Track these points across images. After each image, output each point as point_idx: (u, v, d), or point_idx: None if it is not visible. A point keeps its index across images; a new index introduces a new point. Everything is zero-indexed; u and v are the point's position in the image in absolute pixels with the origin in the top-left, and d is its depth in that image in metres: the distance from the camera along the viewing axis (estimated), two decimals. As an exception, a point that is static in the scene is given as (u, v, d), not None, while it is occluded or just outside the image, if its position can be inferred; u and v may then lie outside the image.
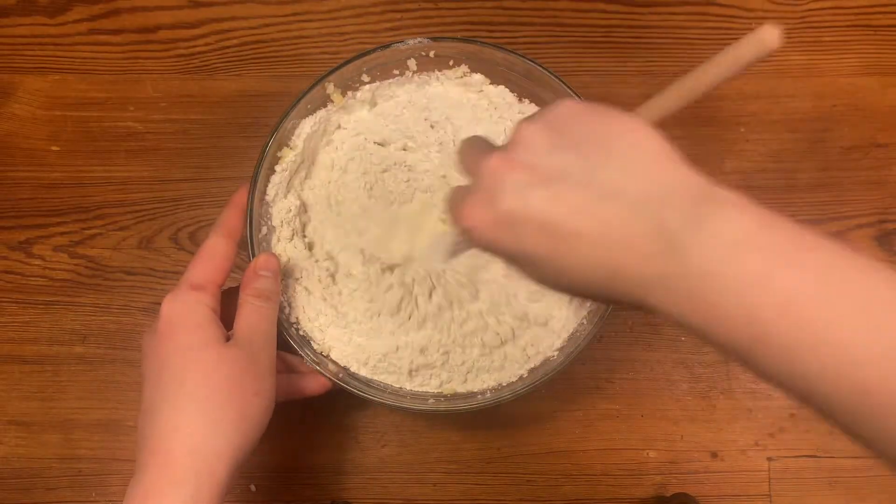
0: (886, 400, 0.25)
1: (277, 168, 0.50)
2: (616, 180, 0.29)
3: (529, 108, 0.53)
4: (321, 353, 0.49)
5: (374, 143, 0.52)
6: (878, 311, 0.26)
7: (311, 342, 0.49)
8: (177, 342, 0.40)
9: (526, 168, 0.31)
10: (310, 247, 0.51)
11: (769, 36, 0.29)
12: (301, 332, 0.49)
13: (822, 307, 0.26)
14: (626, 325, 0.57)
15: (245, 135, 0.60)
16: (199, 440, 0.38)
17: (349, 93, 0.52)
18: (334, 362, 0.49)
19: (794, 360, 0.27)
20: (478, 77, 0.53)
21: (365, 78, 0.52)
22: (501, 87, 0.53)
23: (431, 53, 0.51)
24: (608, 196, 0.29)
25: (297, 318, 0.49)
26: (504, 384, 0.49)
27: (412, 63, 0.52)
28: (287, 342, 0.47)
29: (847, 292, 0.26)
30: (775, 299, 0.26)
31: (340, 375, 0.48)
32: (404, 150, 0.52)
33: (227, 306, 0.43)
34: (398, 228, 0.51)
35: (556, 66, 0.50)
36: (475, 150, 0.35)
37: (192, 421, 0.38)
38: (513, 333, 0.50)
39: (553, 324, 0.50)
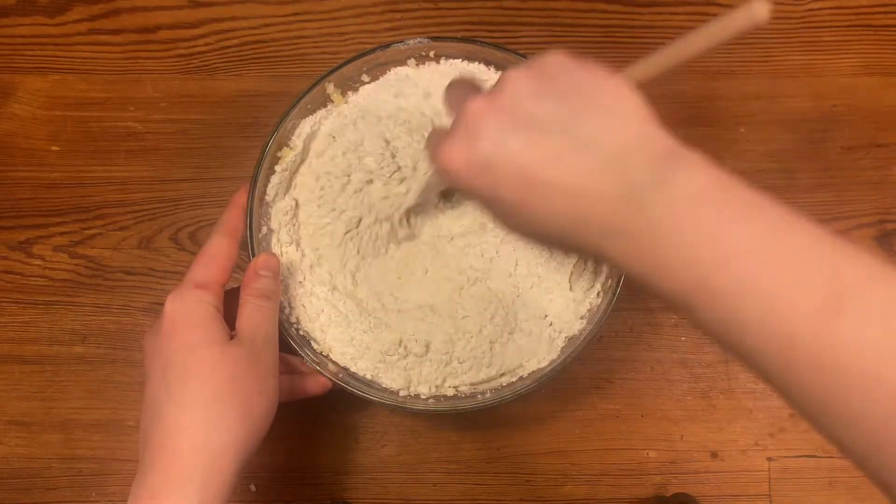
0: (807, 353, 0.27)
1: (277, 168, 0.50)
2: (592, 133, 0.30)
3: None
4: (321, 354, 0.49)
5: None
6: (811, 269, 0.27)
7: (312, 342, 0.49)
8: (181, 341, 0.40)
9: (507, 112, 0.32)
10: (303, 251, 0.51)
11: (759, 9, 0.30)
12: (301, 332, 0.49)
13: (759, 263, 0.28)
14: (626, 325, 0.57)
15: (245, 135, 0.60)
16: (204, 439, 0.38)
17: (349, 93, 0.52)
18: (334, 362, 0.49)
19: (729, 313, 0.28)
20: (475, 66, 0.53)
21: (365, 78, 0.52)
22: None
23: (431, 53, 0.51)
24: (583, 147, 0.30)
25: (297, 317, 0.49)
26: (504, 384, 0.49)
27: (412, 63, 0.52)
28: (287, 342, 0.47)
29: (784, 249, 0.28)
30: (718, 254, 0.28)
31: (340, 375, 0.48)
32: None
33: (228, 307, 0.43)
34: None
35: (556, 66, 0.50)
36: (460, 91, 0.36)
37: (198, 420, 0.38)
38: (512, 333, 0.50)
39: (553, 323, 0.50)
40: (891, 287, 0.27)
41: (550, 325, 0.50)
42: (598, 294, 0.50)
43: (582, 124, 0.31)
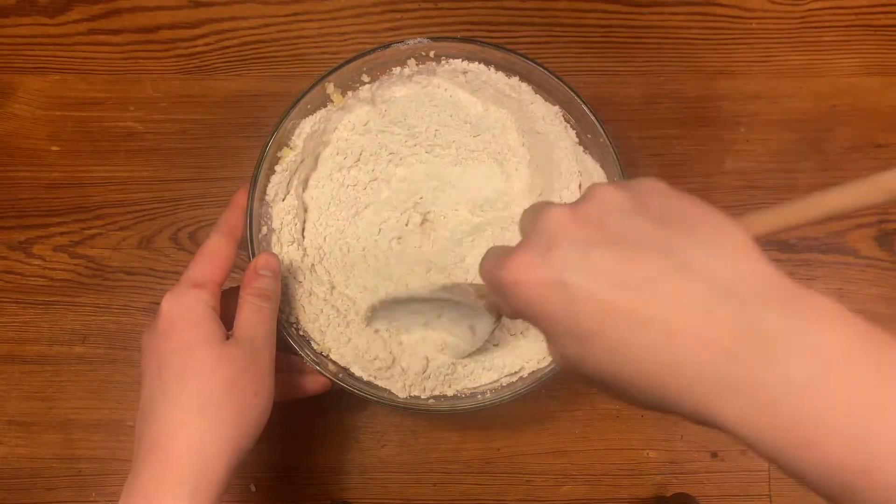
0: None
1: (277, 168, 0.50)
2: (699, 256, 0.25)
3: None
4: (321, 354, 0.49)
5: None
6: None
7: (311, 342, 0.49)
8: (177, 340, 0.40)
9: (595, 225, 0.27)
10: (305, 251, 0.51)
11: None
12: (301, 332, 0.49)
13: None
14: (626, 325, 0.57)
15: (245, 135, 0.60)
16: (199, 438, 0.38)
17: (349, 93, 0.52)
18: (334, 362, 0.49)
19: None
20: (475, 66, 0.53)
21: (365, 78, 0.52)
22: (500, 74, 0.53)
23: (431, 53, 0.51)
24: (689, 271, 0.25)
25: (296, 318, 0.49)
26: (504, 385, 0.49)
27: (412, 63, 0.52)
28: (287, 342, 0.47)
29: None
30: (892, 433, 0.22)
31: (340, 375, 0.48)
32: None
33: (227, 306, 0.43)
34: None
35: (555, 66, 0.50)
36: (535, 211, 0.30)
37: (193, 419, 0.38)
38: (512, 334, 0.50)
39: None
40: None
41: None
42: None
43: (683, 247, 0.25)
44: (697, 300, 0.24)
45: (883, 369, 0.23)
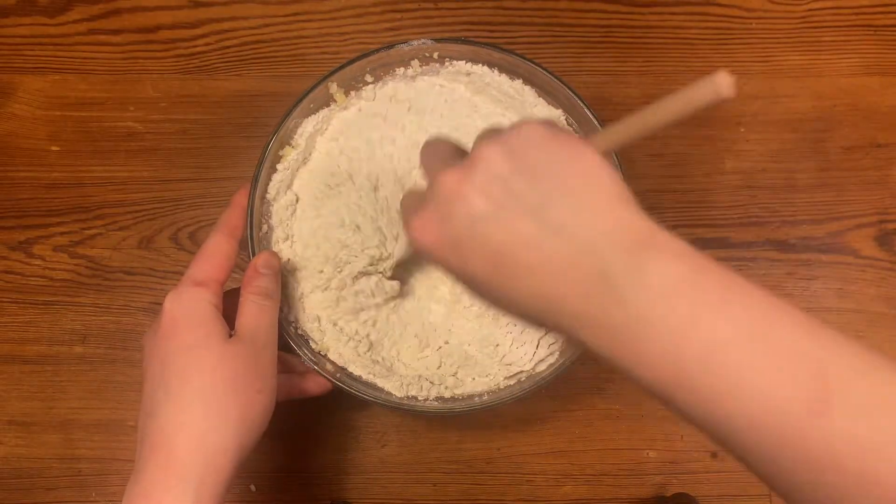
0: (798, 451, 0.26)
1: (279, 167, 0.50)
2: (566, 217, 0.30)
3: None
4: (319, 353, 0.49)
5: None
6: (796, 363, 0.27)
7: (310, 342, 0.49)
8: (180, 339, 0.40)
9: (480, 192, 0.31)
10: (303, 248, 0.51)
11: (723, 83, 0.29)
12: (300, 332, 0.49)
13: (742, 355, 0.27)
14: (626, 325, 0.57)
15: (245, 135, 0.60)
16: (202, 436, 0.38)
17: (352, 92, 0.52)
18: (332, 362, 0.49)
19: (713, 406, 0.27)
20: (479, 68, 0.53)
21: (368, 78, 0.52)
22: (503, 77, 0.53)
23: (435, 55, 0.51)
24: (556, 231, 0.30)
25: (295, 317, 0.49)
26: (503, 386, 0.49)
27: (415, 64, 0.52)
28: (286, 341, 0.47)
29: (767, 341, 0.27)
30: (698, 346, 0.27)
31: (338, 375, 0.48)
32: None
33: (229, 307, 0.43)
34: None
35: (555, 66, 0.50)
36: (437, 156, 0.36)
37: (196, 417, 0.38)
38: (512, 334, 0.50)
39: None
40: (876, 380, 0.26)
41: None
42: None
43: (555, 208, 0.30)
44: (562, 256, 0.30)
45: (699, 298, 0.28)
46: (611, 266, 0.29)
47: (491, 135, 0.33)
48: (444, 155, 0.36)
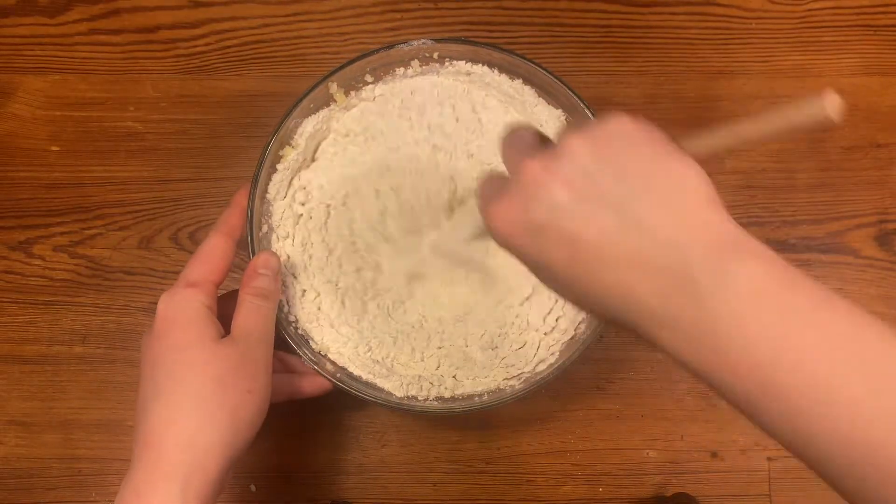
0: (887, 462, 0.26)
1: (279, 167, 0.50)
2: (649, 214, 0.30)
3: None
4: (319, 353, 0.49)
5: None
6: (886, 374, 0.26)
7: (310, 341, 0.49)
8: (171, 340, 0.40)
9: (565, 183, 0.31)
10: (303, 247, 0.51)
11: (831, 105, 0.28)
12: (300, 331, 0.49)
13: (833, 367, 0.27)
14: (626, 325, 0.57)
15: (245, 135, 0.60)
16: (189, 435, 0.38)
17: (352, 92, 0.52)
18: (332, 362, 0.49)
19: (799, 417, 0.27)
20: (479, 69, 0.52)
21: (368, 78, 0.52)
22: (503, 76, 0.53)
23: (435, 55, 0.51)
24: (638, 227, 0.29)
25: (295, 316, 0.49)
26: (503, 386, 0.49)
27: (416, 64, 0.52)
28: (286, 341, 0.47)
29: (858, 354, 0.27)
30: (788, 357, 0.27)
31: (338, 375, 0.48)
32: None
33: (229, 308, 0.43)
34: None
35: (555, 66, 0.50)
36: (518, 145, 0.35)
37: (184, 416, 0.38)
38: (513, 333, 0.50)
39: (554, 326, 0.50)
40: None
41: (552, 329, 0.50)
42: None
43: (640, 205, 0.30)
44: (643, 251, 0.29)
45: (786, 305, 0.28)
46: (695, 266, 0.28)
47: (576, 129, 0.33)
48: (528, 142, 0.35)
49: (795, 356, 0.27)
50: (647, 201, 0.30)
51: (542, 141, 0.35)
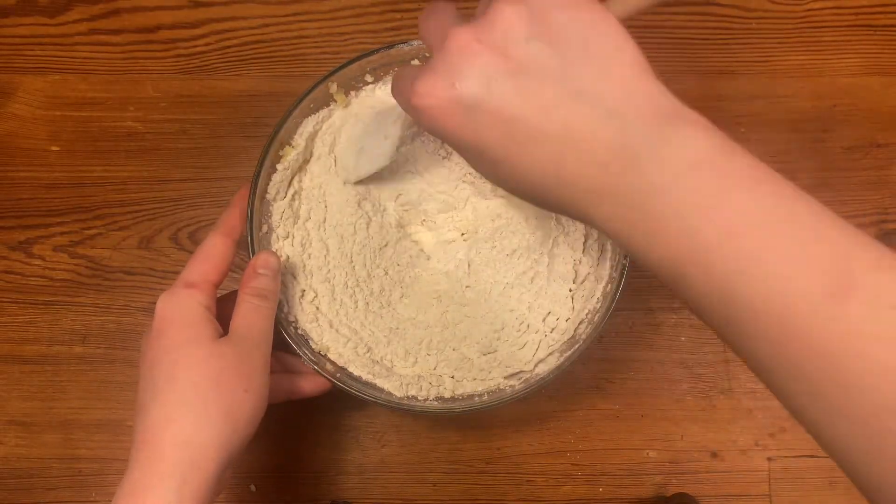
0: (808, 337, 0.25)
1: (279, 167, 0.50)
2: (590, 83, 0.28)
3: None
4: (319, 353, 0.49)
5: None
6: (818, 249, 0.26)
7: (310, 341, 0.49)
8: (169, 339, 0.40)
9: (498, 52, 0.29)
10: (302, 247, 0.51)
11: None
12: (299, 331, 0.49)
13: (763, 237, 0.26)
14: (626, 324, 0.57)
15: (245, 135, 0.60)
16: (185, 434, 0.38)
17: (352, 92, 0.52)
18: (332, 362, 0.49)
19: (724, 286, 0.26)
20: None
21: (368, 78, 0.52)
22: None
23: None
24: (576, 97, 0.28)
25: (295, 316, 0.49)
26: (503, 386, 0.49)
27: (415, 63, 0.52)
28: (286, 341, 0.47)
29: (791, 226, 0.26)
30: (719, 224, 0.26)
31: (338, 375, 0.48)
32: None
33: (229, 308, 0.43)
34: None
35: (556, 66, 0.50)
36: (440, 20, 0.32)
37: (180, 416, 0.38)
38: (512, 334, 0.50)
39: (554, 326, 0.50)
40: None
41: (552, 329, 0.50)
42: (597, 300, 0.49)
43: (579, 73, 0.28)
44: (584, 122, 0.28)
45: (726, 176, 0.27)
46: (634, 135, 0.27)
47: None
48: (452, 14, 0.32)
49: (726, 225, 0.26)
50: (588, 71, 0.28)
51: (466, 19, 0.32)
